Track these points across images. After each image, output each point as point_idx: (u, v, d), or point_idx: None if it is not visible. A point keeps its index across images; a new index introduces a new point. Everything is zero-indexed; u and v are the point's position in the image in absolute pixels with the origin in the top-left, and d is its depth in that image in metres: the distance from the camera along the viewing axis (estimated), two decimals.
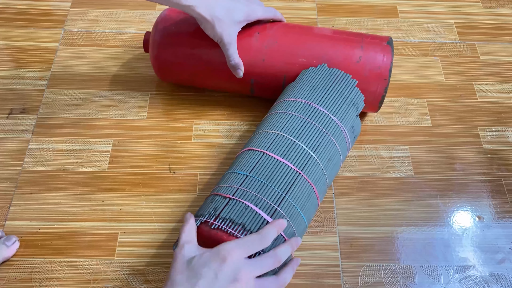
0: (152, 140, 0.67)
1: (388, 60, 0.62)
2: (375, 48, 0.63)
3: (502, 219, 0.63)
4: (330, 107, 0.58)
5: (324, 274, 0.57)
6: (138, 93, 0.72)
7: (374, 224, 0.61)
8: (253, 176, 0.51)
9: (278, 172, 0.52)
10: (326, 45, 0.63)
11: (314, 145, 0.55)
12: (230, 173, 0.54)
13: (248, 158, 0.54)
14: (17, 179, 0.63)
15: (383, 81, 0.62)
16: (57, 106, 0.70)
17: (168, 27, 0.65)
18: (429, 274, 0.58)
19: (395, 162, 0.67)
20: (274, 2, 0.84)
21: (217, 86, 0.69)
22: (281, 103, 0.60)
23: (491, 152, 0.68)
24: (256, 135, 0.57)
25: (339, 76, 0.61)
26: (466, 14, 0.84)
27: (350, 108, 0.59)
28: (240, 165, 0.54)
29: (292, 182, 0.52)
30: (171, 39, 0.64)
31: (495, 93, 0.74)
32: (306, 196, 0.53)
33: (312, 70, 0.62)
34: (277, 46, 0.63)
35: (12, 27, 0.78)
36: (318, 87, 0.59)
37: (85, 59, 0.75)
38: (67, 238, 0.59)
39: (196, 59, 0.65)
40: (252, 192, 0.50)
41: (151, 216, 0.61)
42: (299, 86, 0.60)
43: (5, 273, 0.56)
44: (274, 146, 0.54)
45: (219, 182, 0.54)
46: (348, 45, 0.63)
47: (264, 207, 0.49)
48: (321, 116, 0.57)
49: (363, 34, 0.65)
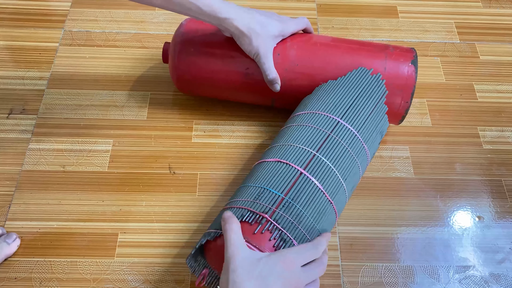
0: (152, 140, 0.67)
1: (412, 73, 0.60)
2: (398, 66, 0.61)
3: (502, 219, 0.63)
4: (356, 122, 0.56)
5: (324, 274, 0.57)
6: (138, 93, 0.72)
7: (374, 224, 0.61)
8: (291, 201, 0.49)
9: (315, 201, 0.51)
10: (347, 63, 0.61)
11: (346, 174, 0.53)
12: (260, 188, 0.51)
13: (283, 175, 0.52)
14: (17, 179, 0.63)
15: (407, 94, 0.61)
16: (57, 106, 0.70)
17: (189, 38, 0.63)
18: (429, 274, 0.58)
19: (395, 162, 0.67)
20: (274, 2, 0.84)
21: (237, 99, 0.68)
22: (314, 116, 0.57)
23: (491, 152, 0.68)
24: (290, 148, 0.54)
25: (370, 84, 0.59)
26: (466, 14, 0.84)
27: (376, 135, 0.58)
28: (274, 183, 0.51)
29: (324, 212, 0.51)
30: (191, 50, 0.63)
31: (495, 93, 0.74)
32: (330, 224, 0.53)
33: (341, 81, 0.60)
34: (299, 68, 0.62)
35: (12, 27, 0.78)
36: (346, 98, 0.58)
37: (85, 59, 0.75)
38: (67, 238, 0.59)
39: (217, 72, 0.63)
40: (288, 218, 0.49)
41: (151, 216, 0.61)
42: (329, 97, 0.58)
43: (5, 273, 0.56)
44: (319, 174, 0.52)
45: (243, 194, 0.52)
46: (371, 60, 0.61)
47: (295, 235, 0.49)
48: (353, 139, 0.55)
49: (387, 49, 0.63)
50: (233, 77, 0.63)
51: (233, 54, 0.62)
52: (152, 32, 0.79)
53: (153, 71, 0.74)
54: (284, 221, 0.48)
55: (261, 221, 0.47)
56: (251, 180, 0.53)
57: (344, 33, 0.80)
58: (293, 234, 0.48)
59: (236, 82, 0.64)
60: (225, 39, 0.62)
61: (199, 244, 0.49)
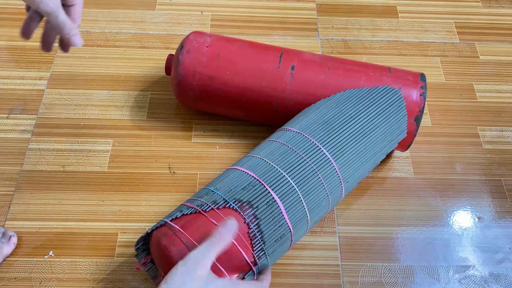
0: (152, 140, 0.67)
1: (421, 102, 0.59)
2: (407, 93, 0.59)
3: (502, 219, 0.63)
4: None
5: (324, 274, 0.57)
6: (138, 93, 0.72)
7: (374, 224, 0.61)
8: (229, 202, 0.49)
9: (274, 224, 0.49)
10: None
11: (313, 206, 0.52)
12: (208, 189, 0.51)
13: (237, 179, 0.51)
14: (17, 179, 0.63)
15: (413, 123, 0.59)
16: (57, 106, 0.70)
17: (193, 52, 0.61)
18: (429, 274, 0.58)
19: (395, 162, 0.67)
20: (274, 2, 0.84)
21: (240, 115, 0.66)
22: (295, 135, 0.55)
23: (491, 152, 0.68)
24: (262, 163, 0.53)
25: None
26: (466, 14, 0.84)
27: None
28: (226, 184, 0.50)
29: (282, 237, 0.50)
30: (195, 64, 0.61)
31: (495, 93, 0.74)
32: (282, 249, 0.51)
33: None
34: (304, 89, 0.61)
35: (12, 27, 0.78)
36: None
37: (85, 59, 0.75)
38: (67, 238, 0.59)
39: (220, 88, 0.62)
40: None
41: (151, 216, 0.61)
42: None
43: (5, 273, 0.56)
44: (266, 176, 0.51)
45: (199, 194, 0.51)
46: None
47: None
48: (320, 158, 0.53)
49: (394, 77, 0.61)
50: (237, 94, 0.62)
51: (238, 69, 0.61)
52: (152, 32, 0.79)
53: (153, 71, 0.74)
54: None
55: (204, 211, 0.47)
56: (214, 183, 0.52)
57: (344, 33, 0.80)
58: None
59: (240, 99, 0.62)
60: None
61: (147, 232, 0.49)
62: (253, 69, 0.61)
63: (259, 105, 0.62)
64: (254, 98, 0.61)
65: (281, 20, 0.81)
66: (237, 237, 0.47)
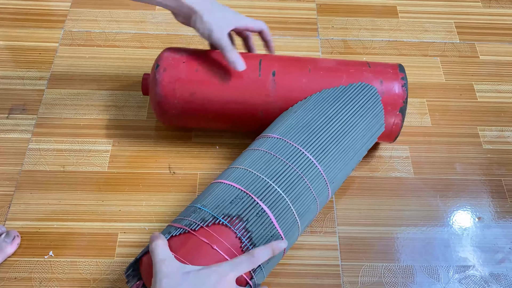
0: (152, 140, 0.67)
1: (403, 92, 0.59)
2: (389, 84, 0.59)
3: (501, 219, 0.63)
4: None
5: (324, 274, 0.57)
6: (138, 93, 0.72)
7: (374, 224, 0.61)
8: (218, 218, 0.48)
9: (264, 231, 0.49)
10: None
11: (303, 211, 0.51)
12: (193, 206, 0.50)
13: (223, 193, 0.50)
14: (17, 179, 0.63)
15: (398, 114, 0.59)
16: (57, 106, 0.70)
17: (170, 69, 0.60)
18: (429, 274, 0.58)
19: (395, 162, 0.67)
20: (274, 2, 0.84)
21: (226, 127, 0.65)
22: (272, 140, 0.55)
23: (491, 152, 0.68)
24: (237, 170, 0.52)
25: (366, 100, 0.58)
26: (466, 14, 0.84)
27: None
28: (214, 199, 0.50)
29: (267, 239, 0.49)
30: (174, 82, 0.59)
31: (495, 93, 0.74)
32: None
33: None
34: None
35: (12, 27, 0.78)
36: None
37: (85, 59, 0.75)
38: (67, 238, 0.59)
39: (202, 103, 0.60)
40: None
41: (151, 216, 0.61)
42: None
43: (5, 273, 0.56)
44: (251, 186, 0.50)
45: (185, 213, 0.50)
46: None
47: None
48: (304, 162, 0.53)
49: (375, 72, 0.60)
50: (218, 106, 0.60)
51: (217, 81, 0.59)
52: (151, 32, 0.79)
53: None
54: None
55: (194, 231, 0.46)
56: (201, 200, 0.51)
57: (344, 33, 0.80)
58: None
59: (222, 109, 0.61)
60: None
61: (135, 258, 0.48)
62: (234, 79, 0.60)
63: (245, 116, 0.61)
64: (239, 109, 0.60)
65: (281, 20, 0.81)
66: (230, 253, 0.46)
